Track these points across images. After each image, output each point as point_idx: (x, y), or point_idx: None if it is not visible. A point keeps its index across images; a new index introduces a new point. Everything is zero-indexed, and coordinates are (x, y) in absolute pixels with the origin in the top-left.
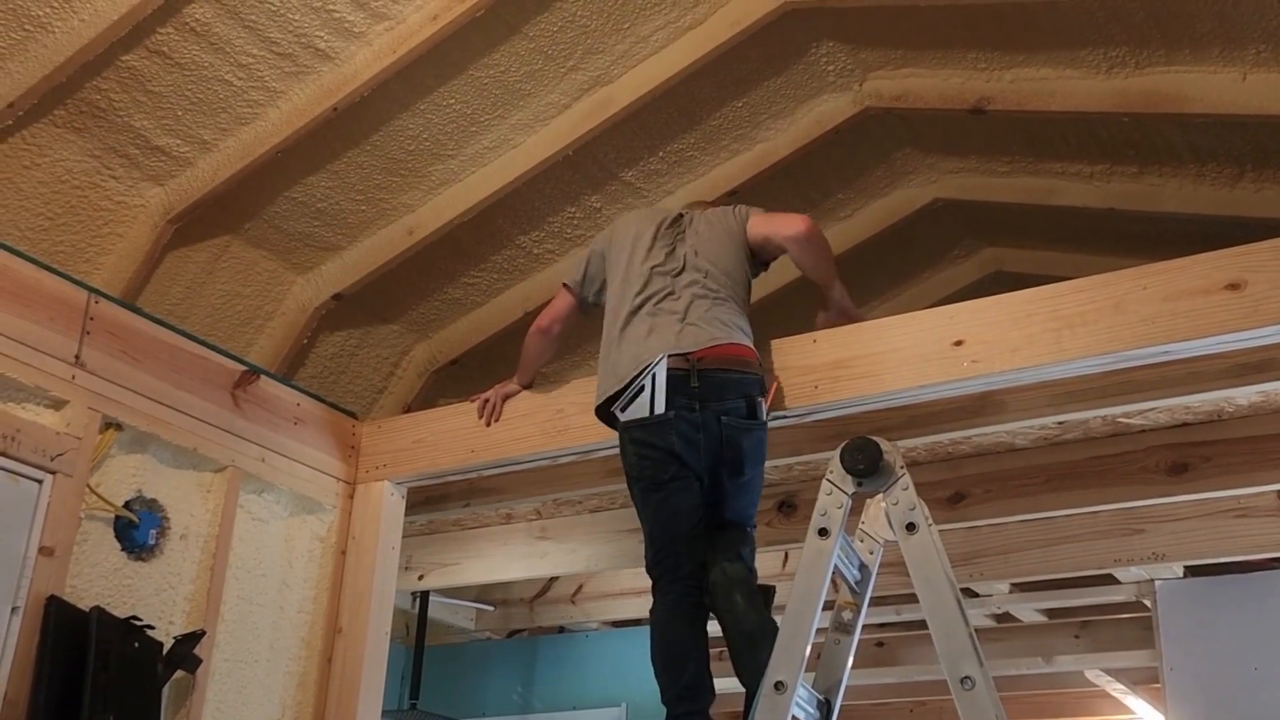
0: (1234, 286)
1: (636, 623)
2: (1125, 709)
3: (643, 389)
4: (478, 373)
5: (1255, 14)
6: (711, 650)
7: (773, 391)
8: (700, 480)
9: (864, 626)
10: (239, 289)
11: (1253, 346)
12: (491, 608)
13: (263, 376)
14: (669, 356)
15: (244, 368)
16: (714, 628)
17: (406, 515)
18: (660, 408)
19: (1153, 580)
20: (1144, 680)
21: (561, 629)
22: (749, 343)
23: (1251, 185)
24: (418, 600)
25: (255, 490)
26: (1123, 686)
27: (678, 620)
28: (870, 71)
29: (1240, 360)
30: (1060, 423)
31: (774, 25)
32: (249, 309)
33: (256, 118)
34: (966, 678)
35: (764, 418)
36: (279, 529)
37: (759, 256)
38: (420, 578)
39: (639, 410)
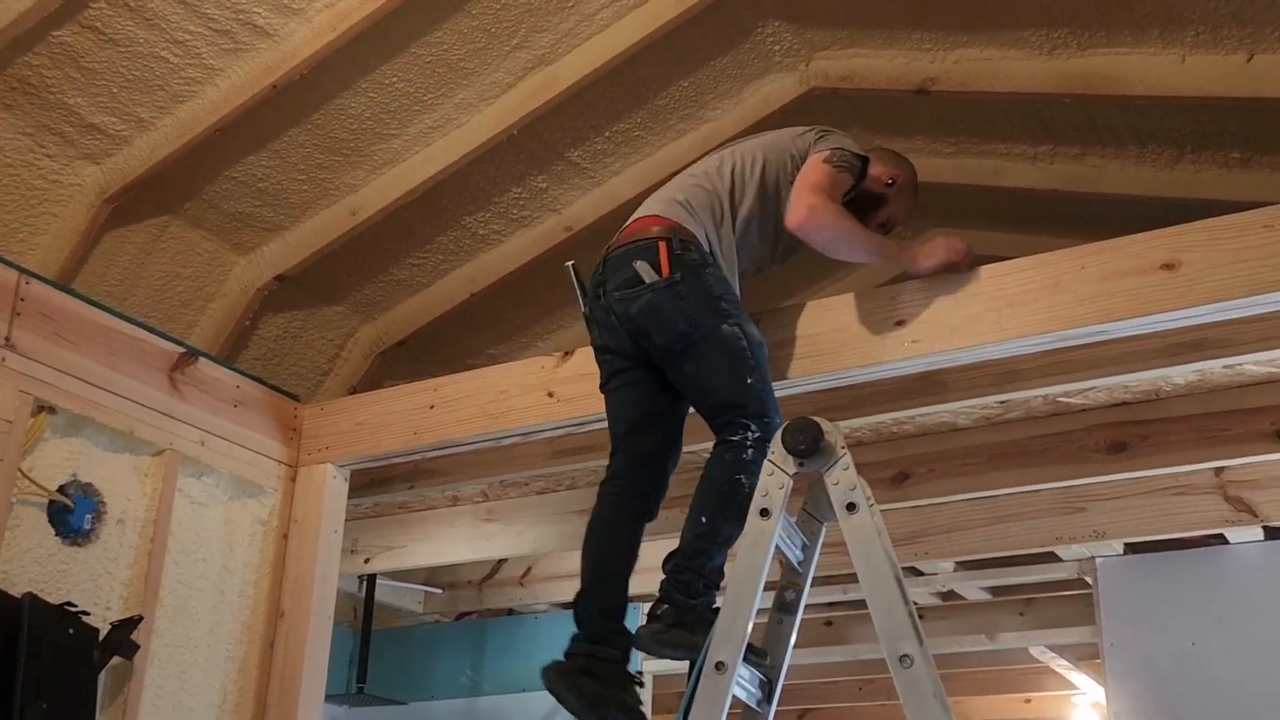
0: (1169, 266)
1: None
2: (1069, 684)
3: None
4: (425, 354)
5: None
6: None
7: (662, 253)
8: (650, 370)
9: (812, 606)
10: (179, 270)
11: (1187, 326)
12: (439, 590)
13: (201, 358)
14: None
15: (182, 350)
16: None
17: (351, 498)
18: (583, 308)
19: (1094, 558)
20: (1086, 656)
21: (510, 611)
22: (662, 211)
23: (1191, 167)
24: (364, 584)
25: (194, 474)
26: (1066, 662)
27: (605, 522)
28: (816, 51)
29: (1175, 340)
30: (1002, 402)
31: (719, 4)
32: (189, 290)
33: (194, 95)
34: (905, 656)
35: (649, 279)
36: (219, 513)
37: None
38: (366, 561)
39: None
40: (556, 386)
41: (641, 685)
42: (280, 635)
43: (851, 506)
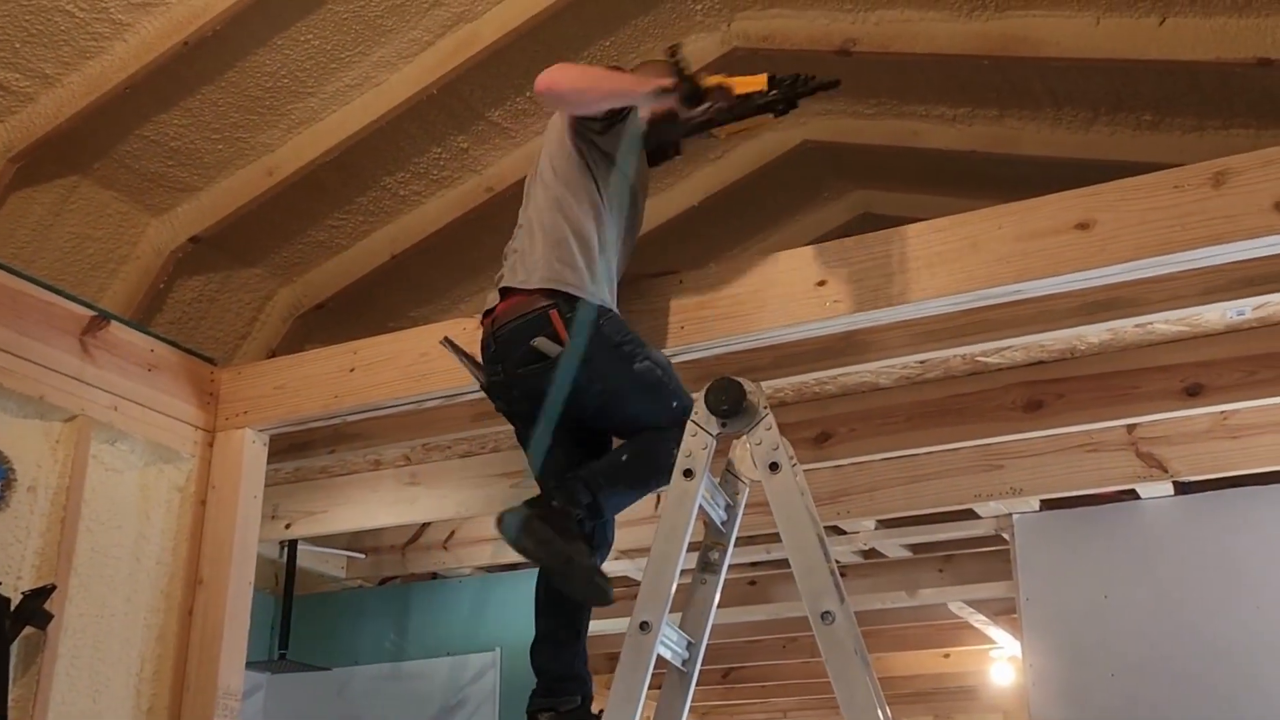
0: (1083, 226)
1: (511, 568)
2: (987, 639)
3: None
4: (345, 317)
5: None
6: None
7: (556, 322)
8: (561, 427)
9: (736, 565)
10: (89, 231)
11: (1101, 285)
12: (363, 555)
13: (113, 322)
14: (483, 316)
15: (93, 313)
16: None
17: (271, 463)
18: (480, 381)
19: (1011, 514)
20: (1004, 611)
21: (435, 575)
22: (530, 275)
23: (1105, 129)
24: (286, 549)
25: (108, 440)
26: (984, 617)
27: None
28: (738, 11)
29: (1089, 299)
30: (922, 362)
31: None
32: (101, 252)
33: (102, 51)
34: (827, 613)
35: (552, 354)
36: (134, 479)
37: (584, 130)
38: (287, 526)
39: None
40: (478, 349)
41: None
42: (199, 603)
43: (774, 466)
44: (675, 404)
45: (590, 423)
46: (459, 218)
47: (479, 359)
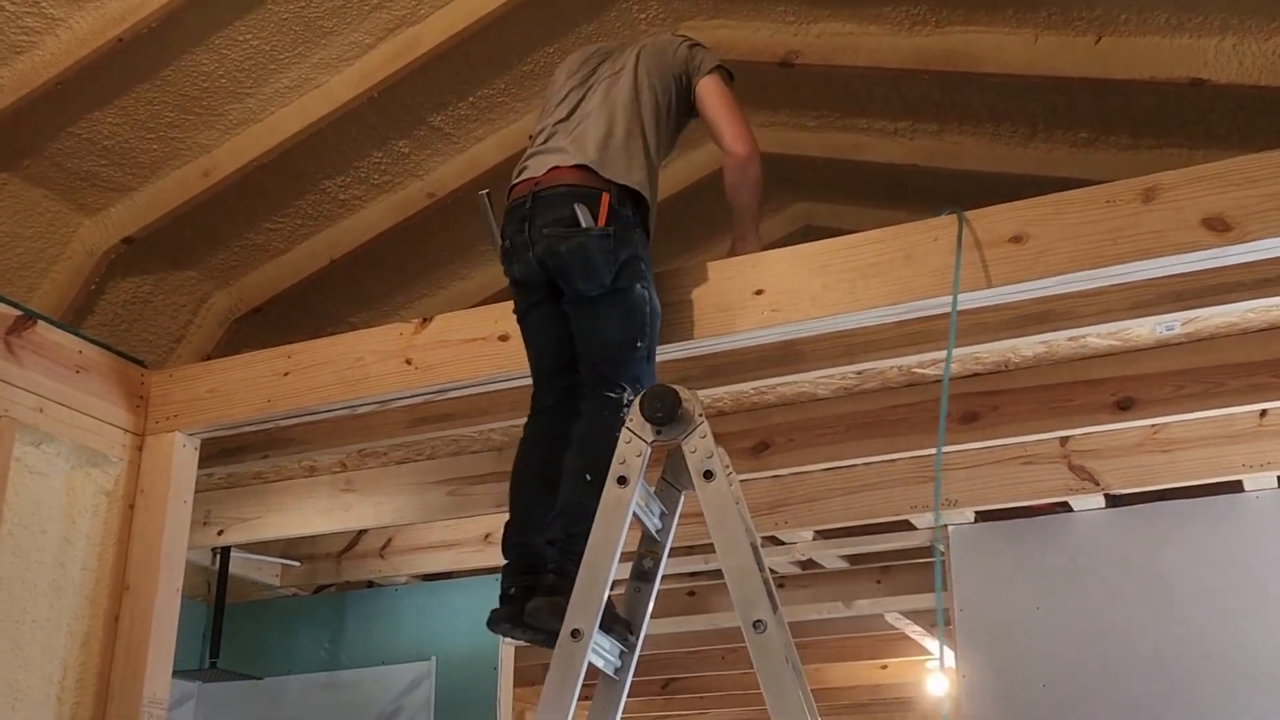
0: (1017, 239)
1: (447, 576)
2: (923, 650)
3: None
4: (283, 321)
5: None
6: None
7: (604, 204)
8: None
9: (674, 575)
10: (18, 230)
11: (1034, 298)
12: (297, 563)
13: (41, 322)
14: (518, 184)
15: (19, 313)
16: None
17: (204, 468)
18: (497, 239)
19: (946, 526)
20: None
21: (370, 583)
22: (605, 163)
23: (1043, 145)
24: (218, 556)
25: (33, 442)
26: (920, 629)
27: (536, 453)
28: (682, 21)
29: (1023, 311)
30: (859, 372)
31: None
32: (30, 252)
33: (33, 46)
34: (759, 621)
35: (585, 224)
36: (60, 482)
37: (686, 104)
38: (220, 533)
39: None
40: (415, 354)
41: None
42: (125, 609)
43: (709, 475)
44: (639, 345)
45: (570, 308)
46: (399, 223)
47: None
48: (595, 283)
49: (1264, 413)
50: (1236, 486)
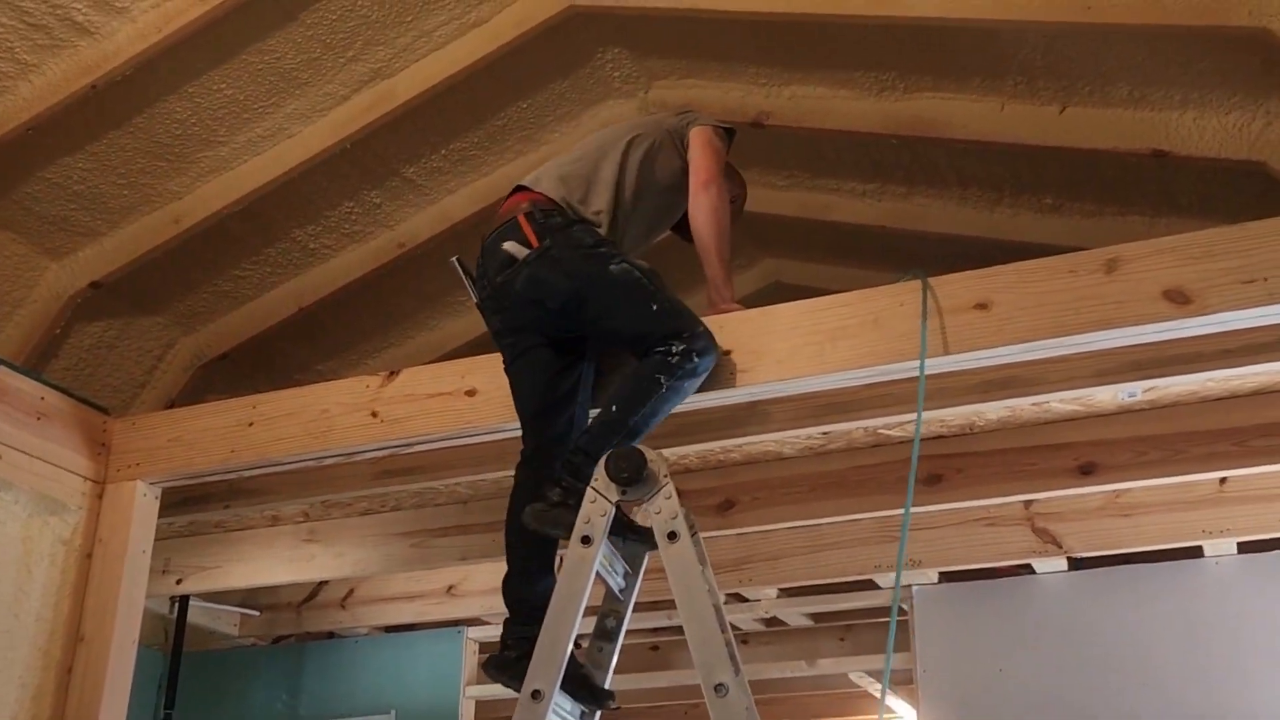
0: (982, 306)
1: (409, 628)
2: (887, 709)
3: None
4: (248, 368)
5: (1012, 47)
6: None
7: (524, 226)
8: (552, 350)
9: (637, 630)
10: None
11: (997, 364)
12: (257, 613)
13: (2, 367)
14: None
15: None
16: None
17: (164, 516)
18: (475, 299)
19: (910, 585)
20: (903, 681)
21: (331, 634)
22: (531, 183)
23: (1009, 210)
24: (176, 605)
25: None
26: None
27: (512, 508)
28: (655, 80)
29: (988, 377)
30: (825, 433)
31: (559, 28)
32: None
33: (6, 91)
34: (720, 684)
35: (521, 255)
36: (15, 530)
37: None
38: (178, 582)
39: None
40: (380, 407)
41: None
42: (79, 660)
43: (673, 535)
44: (655, 308)
45: (581, 329)
46: (369, 273)
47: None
48: (562, 293)
49: (1223, 480)
50: (1197, 552)
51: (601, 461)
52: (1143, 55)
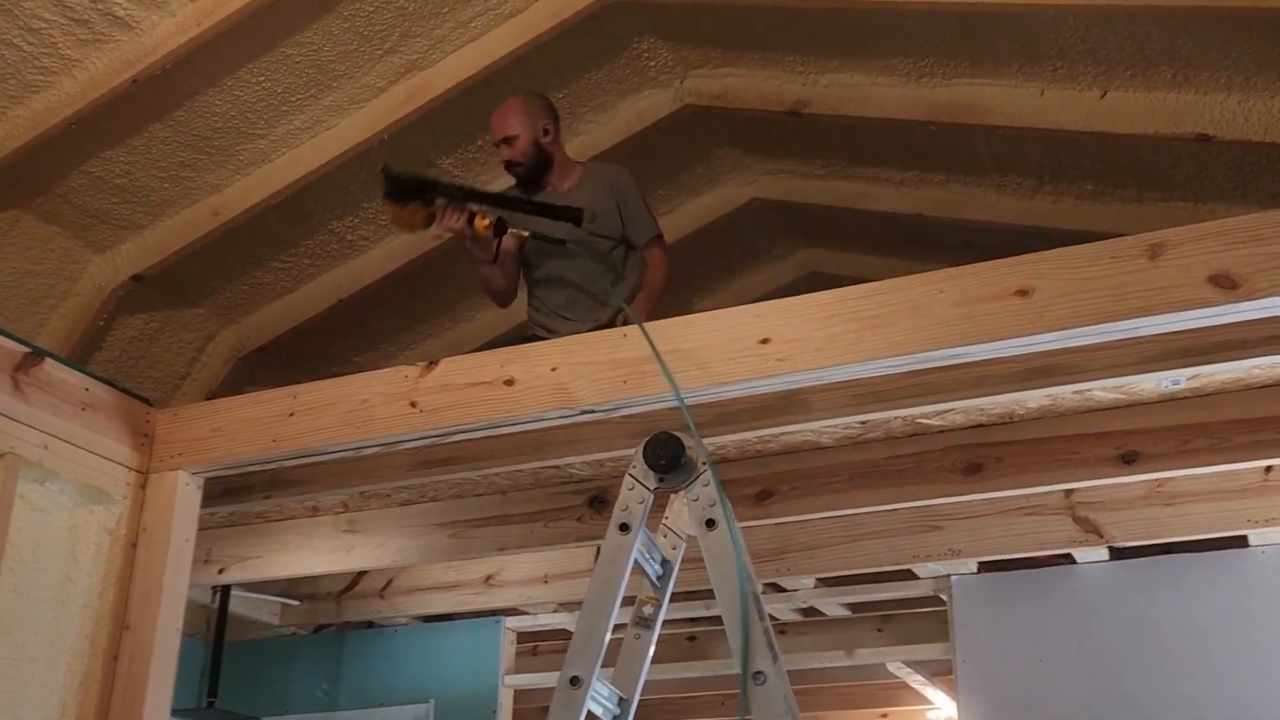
0: (1023, 293)
1: (447, 618)
2: (924, 699)
3: None
4: (288, 360)
5: (1051, 31)
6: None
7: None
8: None
9: (675, 621)
10: (29, 267)
11: (1039, 351)
12: (297, 602)
13: (48, 359)
14: None
15: (27, 349)
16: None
17: (206, 507)
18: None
19: (949, 576)
20: (941, 672)
21: (370, 624)
22: None
23: (1048, 197)
24: (218, 594)
25: (37, 479)
26: (921, 678)
27: None
28: (691, 69)
29: (1028, 365)
30: (863, 422)
31: (595, 18)
32: (40, 288)
33: (49, 86)
34: (759, 673)
35: None
36: (62, 520)
37: None
38: (221, 571)
39: None
40: (419, 397)
41: None
42: (125, 648)
43: (710, 523)
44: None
45: None
46: (407, 264)
47: None
48: None
49: (1269, 468)
50: (1241, 541)
51: (639, 449)
52: (1184, 37)
